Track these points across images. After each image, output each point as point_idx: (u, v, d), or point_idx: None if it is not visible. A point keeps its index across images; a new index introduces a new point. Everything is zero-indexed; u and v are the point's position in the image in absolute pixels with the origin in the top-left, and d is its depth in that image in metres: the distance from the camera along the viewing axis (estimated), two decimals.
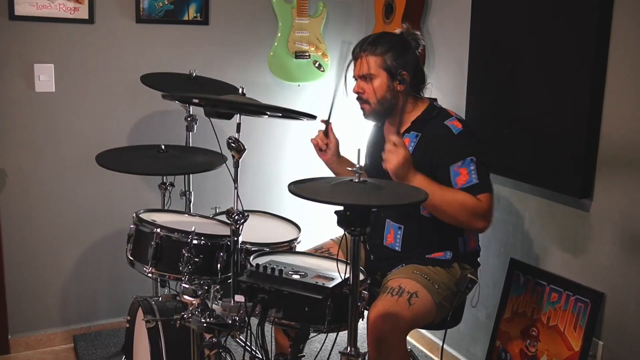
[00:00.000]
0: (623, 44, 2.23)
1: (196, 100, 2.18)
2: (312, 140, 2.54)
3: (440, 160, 2.23)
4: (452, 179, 2.19)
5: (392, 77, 2.29)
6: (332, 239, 2.54)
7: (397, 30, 2.40)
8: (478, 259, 2.44)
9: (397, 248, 2.35)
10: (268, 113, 2.14)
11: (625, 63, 2.24)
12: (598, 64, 2.28)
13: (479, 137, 2.30)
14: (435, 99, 2.41)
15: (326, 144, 2.50)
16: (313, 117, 2.00)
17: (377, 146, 2.47)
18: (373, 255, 2.42)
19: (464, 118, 2.32)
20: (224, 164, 2.47)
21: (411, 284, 2.18)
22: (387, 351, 2.07)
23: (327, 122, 2.50)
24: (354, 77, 2.38)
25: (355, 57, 2.35)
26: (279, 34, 3.42)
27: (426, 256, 2.31)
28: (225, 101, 2.02)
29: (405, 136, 2.33)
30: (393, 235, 2.36)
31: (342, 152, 2.57)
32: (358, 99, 2.38)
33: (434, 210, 2.19)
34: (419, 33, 2.38)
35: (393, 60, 2.28)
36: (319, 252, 2.47)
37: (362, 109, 2.38)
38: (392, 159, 2.11)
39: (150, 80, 2.91)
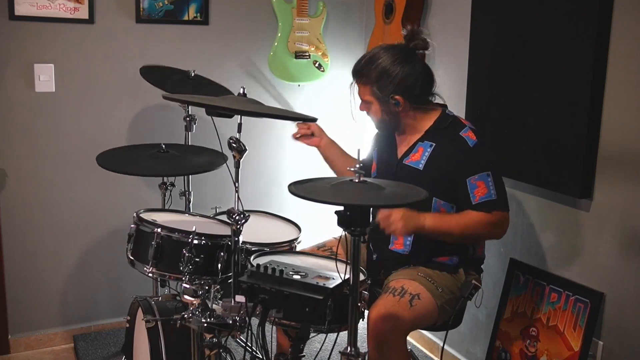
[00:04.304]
0: (623, 43, 2.24)
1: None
2: (294, 135, 2.62)
3: (457, 172, 2.23)
4: (470, 191, 2.20)
5: (384, 103, 2.28)
6: (334, 237, 2.54)
7: (403, 31, 2.37)
8: (482, 266, 2.45)
9: (405, 252, 2.34)
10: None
11: (625, 63, 2.24)
12: (598, 63, 2.28)
13: (491, 147, 2.32)
14: (446, 106, 2.39)
15: (308, 128, 2.58)
16: (314, 119, 2.00)
17: (385, 143, 2.47)
18: (377, 255, 2.41)
19: (475, 127, 2.30)
20: (225, 164, 2.47)
21: (414, 286, 2.18)
22: (387, 351, 2.07)
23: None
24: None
25: (353, 79, 2.36)
26: (279, 34, 3.42)
27: (433, 259, 2.31)
28: (226, 108, 2.01)
29: (418, 145, 2.32)
30: (402, 240, 2.34)
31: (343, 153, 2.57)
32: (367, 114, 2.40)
33: (459, 239, 2.27)
34: (424, 36, 2.32)
35: (381, 89, 2.25)
36: (321, 249, 2.47)
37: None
38: (394, 222, 2.13)
39: (150, 74, 2.90)
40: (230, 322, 1.91)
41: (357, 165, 1.80)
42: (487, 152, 2.26)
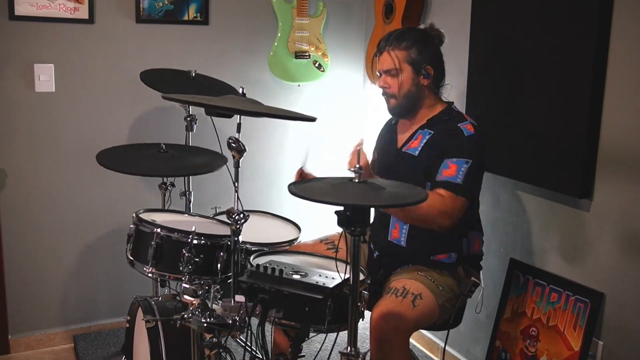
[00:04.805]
0: (623, 43, 2.24)
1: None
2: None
3: (442, 155, 2.24)
4: (440, 169, 2.22)
5: (416, 71, 2.31)
6: (338, 232, 2.53)
7: (422, 26, 2.42)
8: (480, 263, 2.45)
9: (402, 243, 2.35)
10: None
11: (625, 63, 2.24)
12: (598, 64, 2.28)
13: (485, 146, 2.31)
14: (452, 102, 2.41)
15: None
16: (313, 119, 2.00)
17: (388, 145, 2.47)
18: (377, 252, 2.42)
19: (477, 124, 2.31)
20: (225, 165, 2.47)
21: (415, 285, 2.19)
22: (390, 351, 2.07)
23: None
24: (378, 71, 2.39)
25: (381, 51, 2.36)
26: (279, 34, 3.42)
27: (431, 258, 2.31)
28: (225, 108, 2.01)
29: (418, 132, 2.35)
30: (398, 230, 2.35)
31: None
32: (383, 94, 2.38)
33: (404, 216, 2.24)
34: (442, 31, 2.38)
35: (418, 55, 2.30)
36: (324, 242, 2.48)
37: (388, 103, 2.39)
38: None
39: (150, 77, 2.90)
40: (230, 322, 1.91)
41: (357, 166, 1.80)
42: (477, 145, 2.27)
